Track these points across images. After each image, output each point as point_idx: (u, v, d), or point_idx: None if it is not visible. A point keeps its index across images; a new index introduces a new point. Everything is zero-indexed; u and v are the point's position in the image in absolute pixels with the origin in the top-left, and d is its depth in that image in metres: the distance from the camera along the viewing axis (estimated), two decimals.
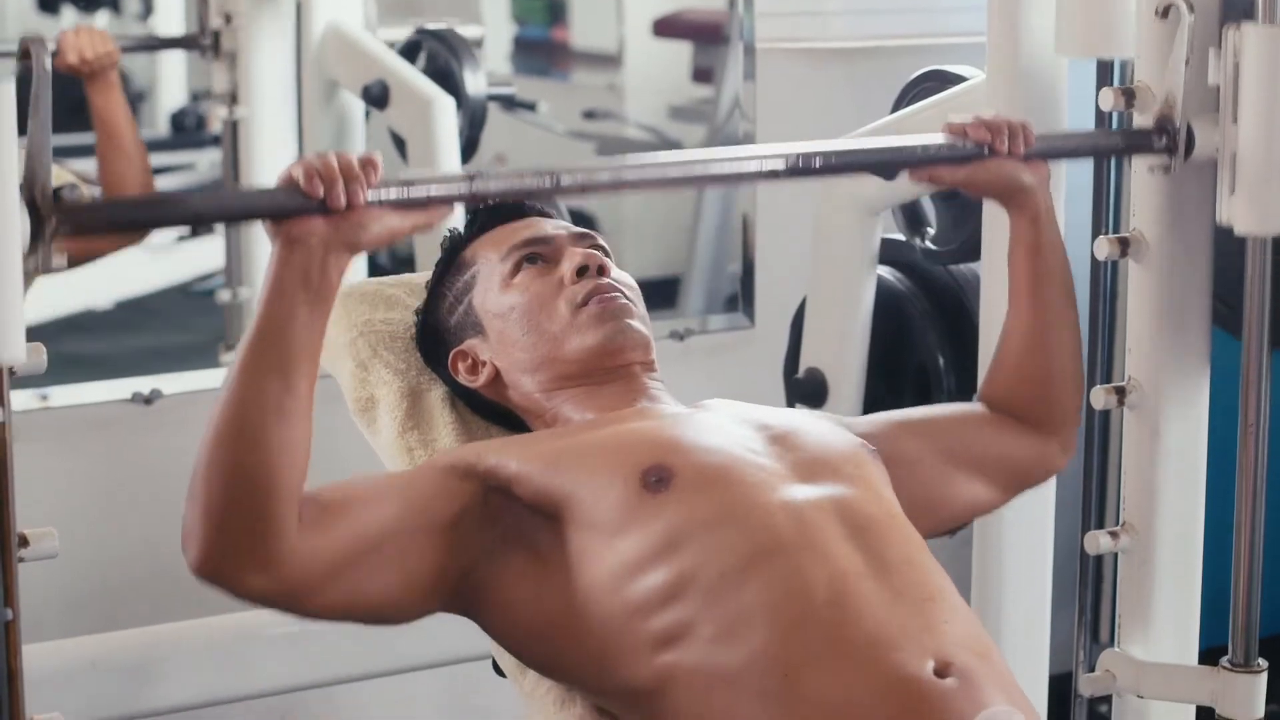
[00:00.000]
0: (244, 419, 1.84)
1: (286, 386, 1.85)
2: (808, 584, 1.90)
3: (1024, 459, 2.28)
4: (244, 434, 1.84)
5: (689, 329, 3.76)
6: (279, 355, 1.85)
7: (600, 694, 2.01)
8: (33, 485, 1.67)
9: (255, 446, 1.84)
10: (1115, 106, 2.33)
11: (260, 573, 1.85)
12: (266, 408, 1.84)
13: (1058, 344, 2.28)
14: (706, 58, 3.98)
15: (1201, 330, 2.41)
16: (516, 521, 2.00)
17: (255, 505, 1.84)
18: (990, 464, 2.25)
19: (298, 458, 1.86)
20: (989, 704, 1.83)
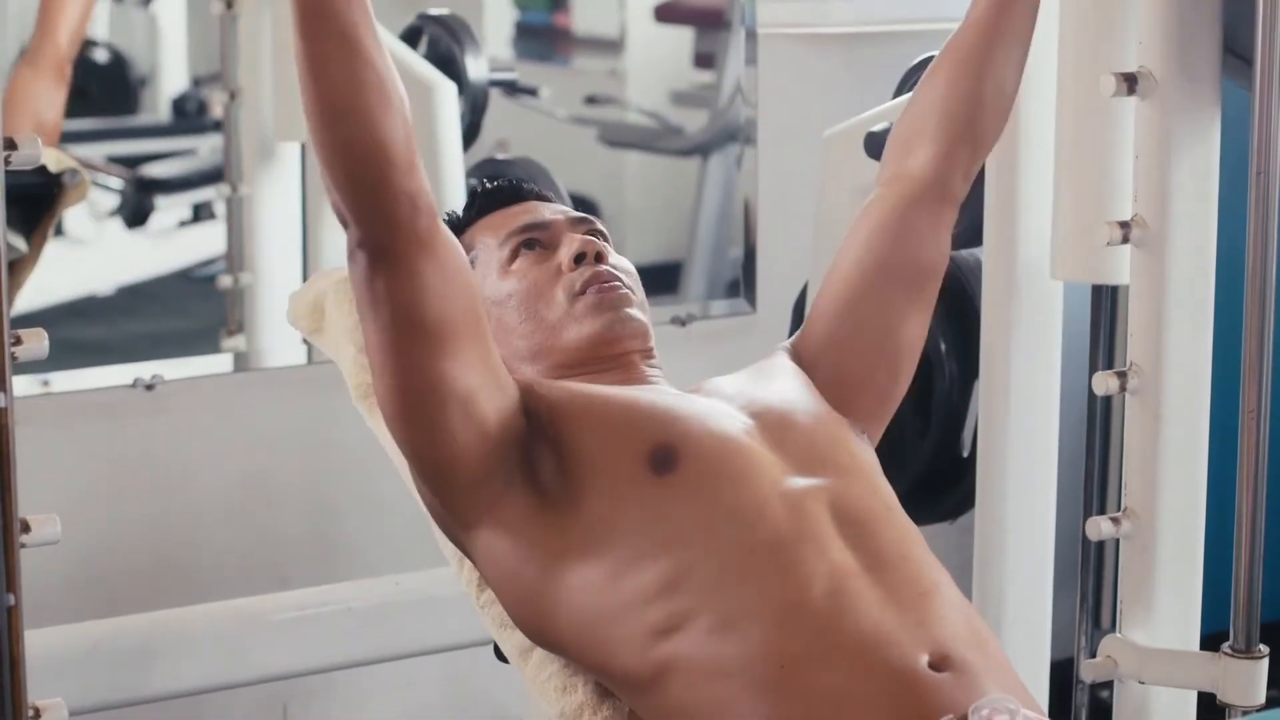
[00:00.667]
0: (330, 103, 1.86)
1: (355, 52, 1.85)
2: (806, 577, 1.91)
3: (924, 243, 2.24)
4: (337, 117, 1.86)
5: (690, 314, 3.76)
6: (334, 21, 1.85)
7: (598, 673, 2.01)
8: (34, 471, 1.67)
9: (351, 122, 1.86)
10: (1116, 93, 2.33)
11: (414, 207, 1.91)
12: (348, 86, 1.85)
13: (1008, 49, 2.25)
14: (708, 43, 3.98)
15: (1204, 314, 2.41)
16: (534, 448, 2.00)
17: (376, 173, 1.88)
18: (902, 285, 2.22)
19: (397, 124, 1.89)
20: (985, 694, 1.83)
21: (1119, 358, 2.50)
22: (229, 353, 3.49)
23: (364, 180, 1.88)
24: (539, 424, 2.02)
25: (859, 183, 2.87)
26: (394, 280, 1.92)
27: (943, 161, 2.23)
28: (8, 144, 1.76)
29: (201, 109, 3.68)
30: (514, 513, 2.00)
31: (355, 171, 1.88)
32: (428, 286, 1.93)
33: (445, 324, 1.95)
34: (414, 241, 1.92)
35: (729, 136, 3.85)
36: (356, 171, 1.88)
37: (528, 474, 2.01)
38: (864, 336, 2.21)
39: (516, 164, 3.50)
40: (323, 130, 1.87)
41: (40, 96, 3.31)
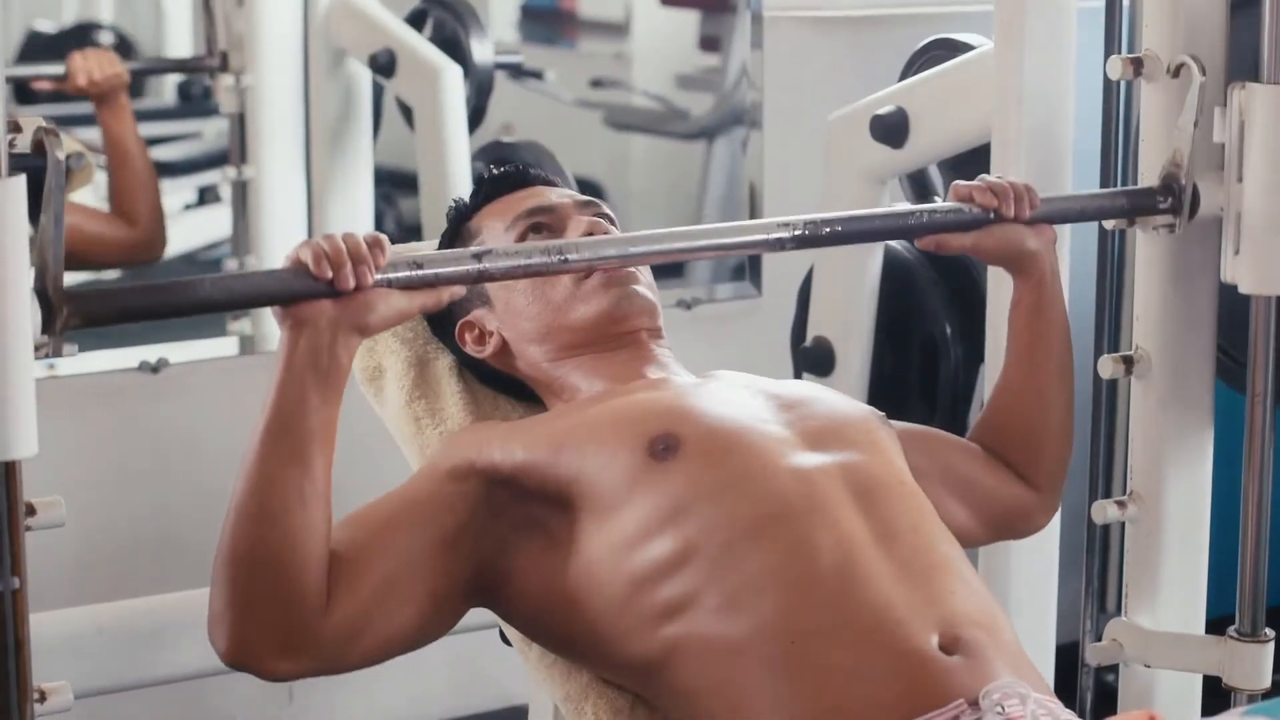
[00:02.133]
0: (263, 507, 1.84)
1: (305, 472, 1.85)
2: (814, 550, 1.90)
3: (1009, 502, 2.27)
4: (264, 522, 1.84)
5: (696, 298, 3.76)
6: (294, 442, 1.84)
7: (607, 668, 2.01)
8: (40, 454, 1.67)
9: (277, 534, 1.84)
10: (1124, 76, 2.33)
11: (292, 657, 1.87)
12: (287, 495, 1.84)
13: (1051, 404, 2.28)
14: (714, 26, 3.97)
15: (1210, 299, 2.40)
16: (524, 509, 2.00)
17: (281, 592, 1.84)
18: (979, 496, 2.24)
19: (320, 541, 1.86)
20: (995, 679, 1.83)
21: (1124, 342, 2.50)
22: (235, 336, 3.49)
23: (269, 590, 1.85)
24: (519, 487, 2.01)
25: (865, 166, 2.87)
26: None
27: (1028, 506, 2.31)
28: (12, 127, 1.76)
29: (207, 93, 3.68)
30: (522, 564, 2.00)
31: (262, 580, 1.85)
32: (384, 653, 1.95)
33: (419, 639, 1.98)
34: (336, 658, 1.91)
35: (734, 120, 3.84)
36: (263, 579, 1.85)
37: (523, 529, 2.00)
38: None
39: (522, 147, 3.50)
40: (242, 533, 1.86)
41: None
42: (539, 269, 1.97)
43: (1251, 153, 2.23)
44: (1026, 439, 2.27)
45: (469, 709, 3.59)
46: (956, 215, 2.17)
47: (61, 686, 1.81)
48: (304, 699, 3.47)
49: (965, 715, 1.80)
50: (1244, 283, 2.26)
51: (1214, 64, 2.29)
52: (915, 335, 2.98)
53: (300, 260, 1.83)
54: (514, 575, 1.99)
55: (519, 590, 2.00)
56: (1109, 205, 2.35)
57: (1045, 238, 2.23)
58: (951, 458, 2.24)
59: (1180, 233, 2.31)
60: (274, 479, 1.84)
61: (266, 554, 1.83)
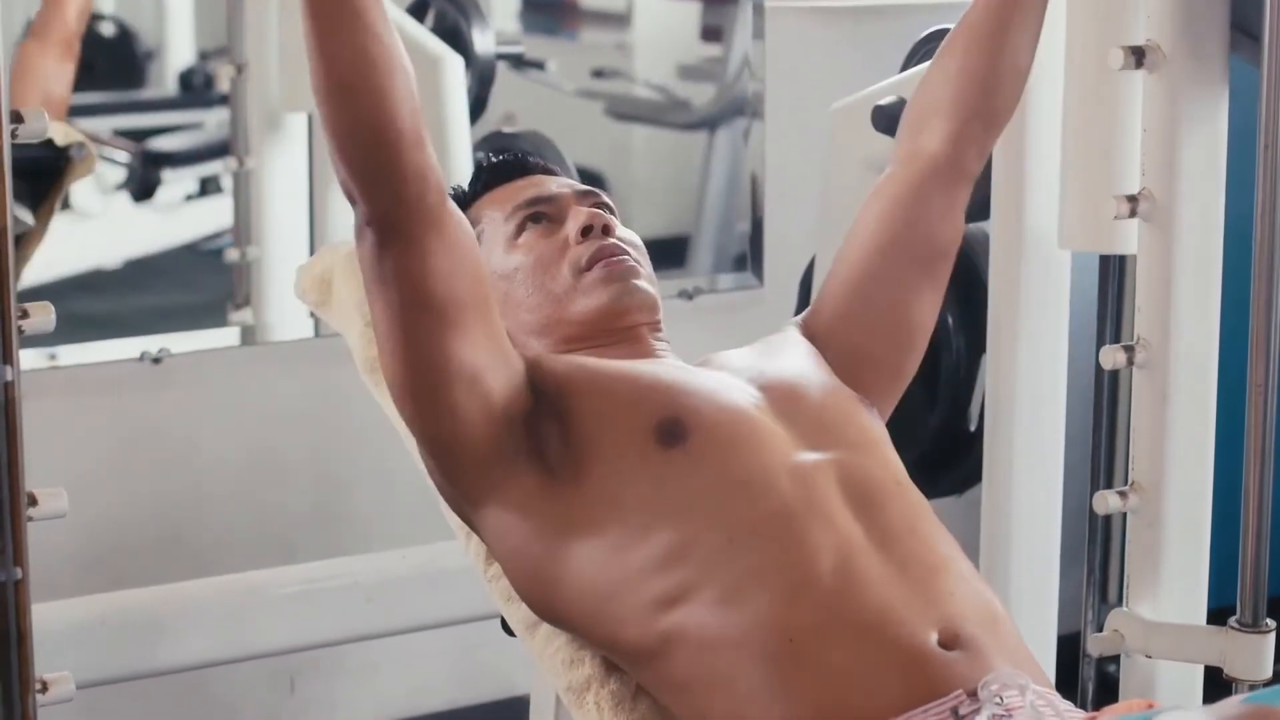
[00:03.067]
0: (337, 78, 1.84)
1: (363, 28, 1.84)
2: (814, 551, 1.90)
3: (937, 221, 2.23)
4: (344, 92, 1.85)
5: (697, 288, 3.76)
6: (344, 3, 1.84)
7: (604, 647, 2.02)
8: (41, 445, 1.67)
9: (359, 99, 1.85)
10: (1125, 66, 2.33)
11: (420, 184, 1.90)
12: (355, 61, 1.84)
13: (1019, 32, 2.23)
14: (715, 16, 3.97)
15: (1212, 288, 2.40)
16: (541, 424, 2.00)
17: (385, 150, 1.86)
18: (915, 262, 2.22)
19: (405, 100, 1.87)
20: (995, 671, 1.82)
21: (1126, 332, 2.50)
22: (236, 326, 3.49)
23: (373, 157, 1.87)
24: (546, 400, 2.02)
25: (867, 156, 2.87)
26: (403, 258, 1.92)
27: (957, 139, 2.22)
28: (14, 117, 1.76)
29: (208, 83, 3.68)
30: (521, 490, 2.00)
31: (364, 149, 1.87)
32: (436, 265, 1.93)
33: (453, 302, 1.94)
34: (423, 219, 1.91)
35: (736, 110, 3.84)
36: (365, 149, 1.87)
37: (534, 451, 2.00)
38: (876, 314, 2.21)
39: (523, 138, 3.49)
40: (330, 107, 1.86)
41: (48, 71, 3.31)
42: None
43: None
44: (984, 76, 2.22)
45: (471, 699, 3.60)
46: None
47: (63, 677, 1.81)
48: (305, 689, 3.47)
49: (964, 706, 1.80)
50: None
51: None
52: None
53: None
54: (509, 492, 1.99)
55: (510, 506, 2.00)
56: None
57: None
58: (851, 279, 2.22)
59: None
60: (338, 47, 1.84)
61: (356, 122, 1.86)
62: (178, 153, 3.72)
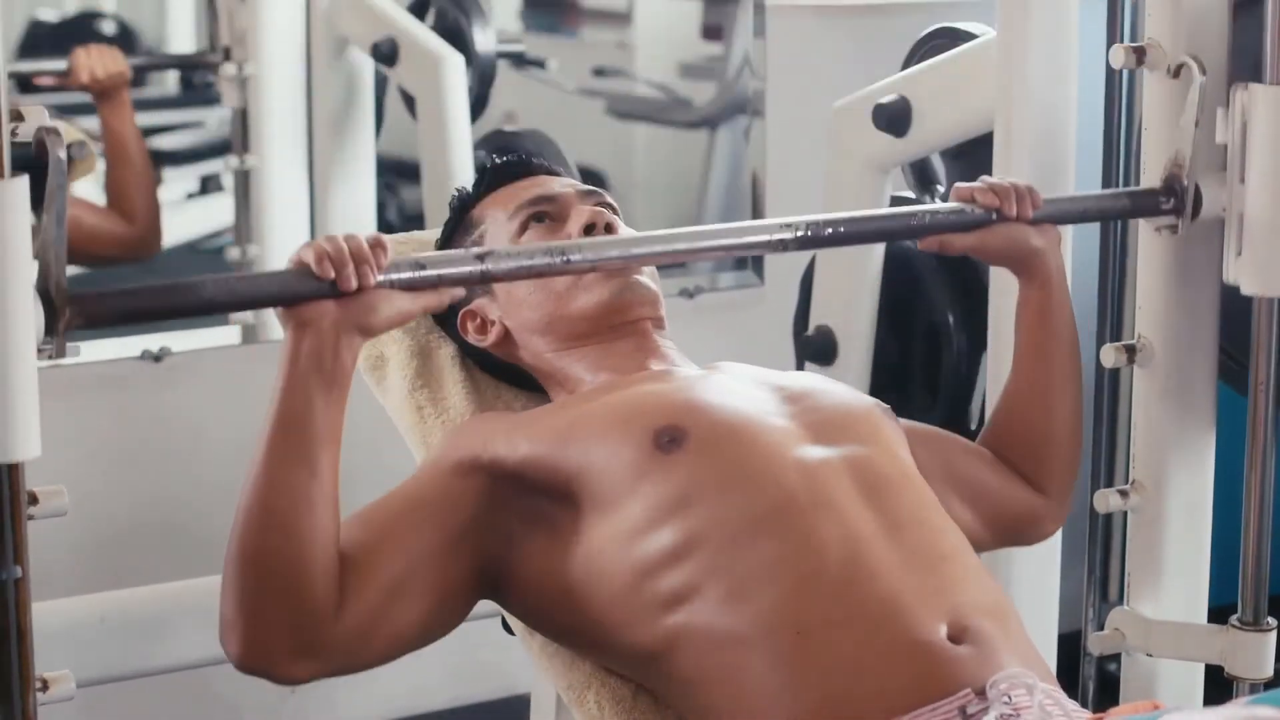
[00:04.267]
0: (271, 512, 1.84)
1: (312, 475, 1.84)
2: (821, 543, 1.90)
3: (1017, 507, 2.27)
4: (273, 527, 1.83)
5: (699, 287, 3.76)
6: (300, 444, 1.84)
7: (611, 657, 2.01)
8: (42, 442, 1.67)
9: (286, 538, 1.83)
10: (1126, 64, 2.33)
11: (306, 660, 1.87)
12: (295, 498, 1.83)
13: (1059, 407, 2.27)
14: (716, 14, 3.97)
15: (1212, 295, 2.40)
16: (529, 502, 1.99)
17: (292, 596, 1.84)
18: (985, 499, 2.23)
19: (330, 544, 1.86)
20: (1002, 669, 1.82)
21: (1127, 331, 2.50)
22: (237, 325, 3.49)
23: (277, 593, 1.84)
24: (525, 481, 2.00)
25: (868, 155, 2.87)
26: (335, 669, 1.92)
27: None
28: (14, 116, 1.76)
29: (209, 82, 3.68)
30: (530, 562, 1.99)
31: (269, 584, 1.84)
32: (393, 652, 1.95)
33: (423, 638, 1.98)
34: (350, 654, 1.91)
35: (737, 109, 3.84)
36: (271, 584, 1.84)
37: (532, 523, 2.00)
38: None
39: (524, 136, 3.50)
40: (250, 536, 1.85)
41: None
42: (542, 270, 1.97)
43: (1254, 153, 2.23)
44: (1034, 443, 2.26)
45: (471, 699, 3.59)
46: (959, 216, 2.17)
47: (64, 676, 1.81)
48: (306, 689, 3.46)
49: (972, 704, 1.80)
50: (1246, 284, 2.26)
51: (1216, 63, 2.29)
52: (918, 324, 2.98)
53: (302, 261, 1.83)
54: (518, 567, 1.99)
55: (523, 582, 2.00)
56: (1111, 206, 2.35)
57: (1050, 237, 2.22)
58: (957, 459, 2.23)
59: (1183, 233, 2.31)
60: (281, 483, 1.84)
61: (276, 558, 1.83)
62: (179, 151, 3.73)
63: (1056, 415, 2.27)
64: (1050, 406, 2.26)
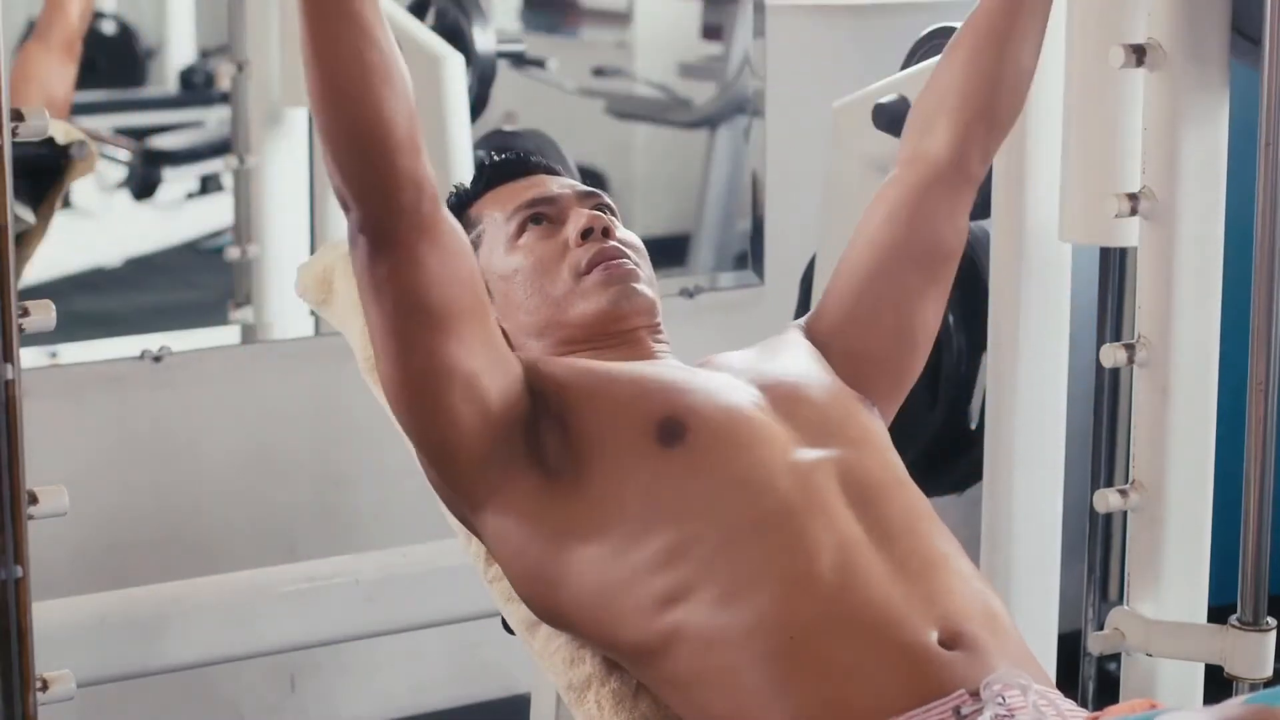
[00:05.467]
0: (334, 84, 1.83)
1: (360, 33, 1.83)
2: (814, 548, 1.90)
3: (941, 223, 2.22)
4: (341, 99, 1.84)
5: (698, 286, 3.76)
6: (343, 10, 1.83)
7: (605, 647, 2.01)
8: (42, 443, 1.67)
9: (355, 104, 1.84)
10: (1125, 64, 2.33)
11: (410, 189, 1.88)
12: (353, 68, 1.83)
13: (1022, 39, 2.23)
14: (716, 14, 3.97)
15: (1213, 286, 2.40)
16: (540, 427, 2.00)
17: (379, 156, 1.85)
18: (919, 265, 2.21)
19: (401, 107, 1.86)
20: (996, 671, 1.82)
21: (1127, 330, 2.50)
22: (237, 324, 3.49)
23: (367, 163, 1.86)
24: (544, 402, 2.02)
25: (867, 154, 2.87)
26: (396, 265, 1.91)
27: (961, 142, 2.22)
28: (15, 115, 1.76)
29: (209, 81, 3.68)
30: (520, 493, 2.00)
31: (358, 154, 1.86)
32: (430, 271, 1.92)
33: (448, 308, 1.94)
34: (416, 226, 1.90)
35: (737, 108, 3.84)
36: (359, 154, 1.86)
37: (533, 454, 2.00)
38: (880, 316, 2.21)
39: (524, 136, 3.49)
40: (326, 112, 1.85)
41: (50, 72, 3.31)
42: None
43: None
44: (987, 79, 2.21)
45: (471, 697, 3.60)
46: None
47: (64, 675, 1.81)
48: (306, 687, 3.47)
49: (966, 705, 1.80)
50: None
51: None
52: None
53: None
54: (510, 495, 1.99)
55: (510, 510, 2.00)
56: None
57: None
58: (882, 273, 2.21)
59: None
60: (335, 53, 1.83)
61: (352, 127, 1.84)
62: (178, 151, 3.72)
63: (1017, 49, 2.22)
64: (1012, 37, 2.22)
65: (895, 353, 2.21)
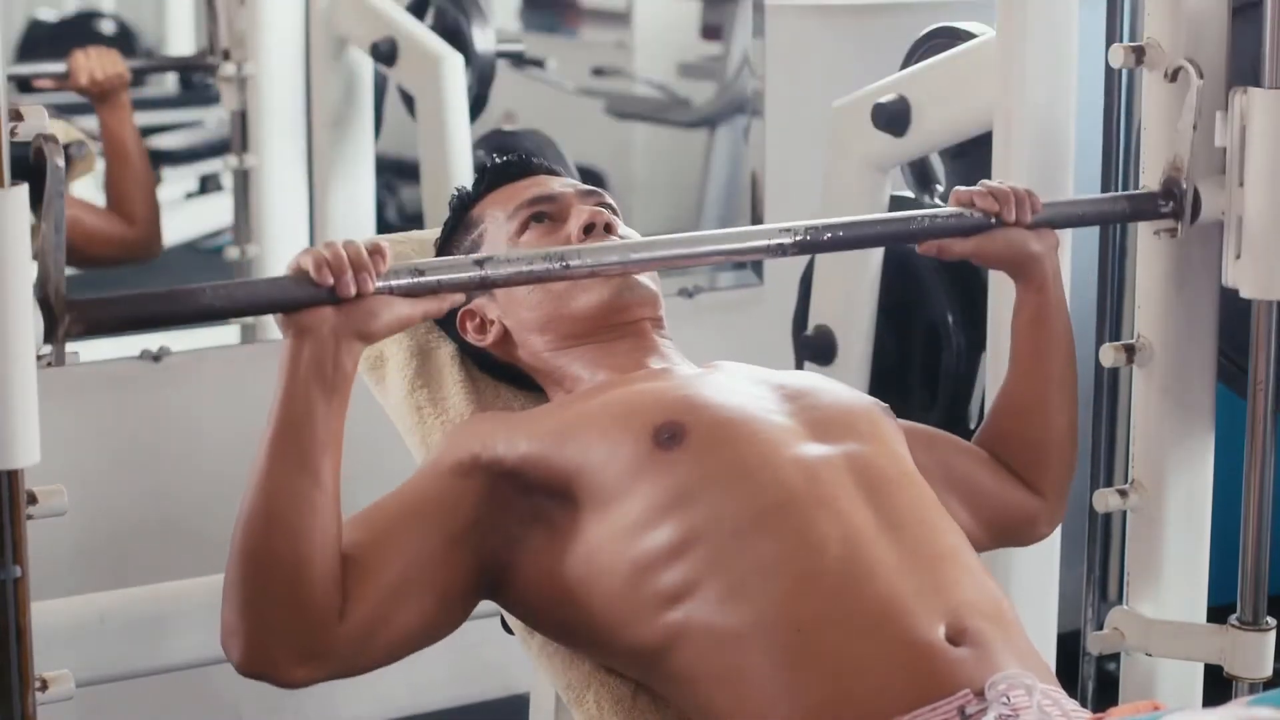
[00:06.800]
0: (272, 516, 1.84)
1: (313, 480, 1.85)
2: (820, 540, 1.90)
3: (1013, 508, 2.26)
4: (275, 533, 1.84)
5: (698, 286, 3.76)
6: (301, 450, 1.84)
7: (611, 655, 2.01)
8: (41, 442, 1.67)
9: (288, 543, 1.84)
10: (1125, 64, 2.33)
11: (309, 664, 1.89)
12: (297, 504, 1.84)
13: (1055, 412, 2.27)
14: (716, 14, 3.97)
15: (1212, 295, 2.40)
16: (529, 502, 2.00)
17: (295, 601, 1.84)
18: (982, 499, 2.23)
19: (332, 548, 1.86)
20: (1001, 670, 1.82)
21: (1126, 330, 2.50)
22: (236, 325, 3.49)
23: (276, 597, 1.85)
24: (522, 478, 2.00)
25: (867, 154, 2.87)
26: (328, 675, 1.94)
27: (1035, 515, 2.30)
28: (14, 115, 1.76)
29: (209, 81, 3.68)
30: (531, 560, 2.00)
31: (271, 586, 1.85)
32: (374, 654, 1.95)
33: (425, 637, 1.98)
34: (350, 658, 1.93)
35: (736, 108, 3.84)
36: (272, 586, 1.85)
37: (532, 522, 2.00)
38: None
39: (524, 136, 3.50)
40: (251, 538, 1.85)
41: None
42: (541, 275, 1.98)
43: (1252, 157, 2.23)
44: (1030, 447, 2.26)
45: (471, 698, 3.59)
46: (959, 220, 2.17)
47: (63, 675, 1.81)
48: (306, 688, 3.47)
49: (971, 705, 1.80)
50: (1245, 288, 2.26)
51: (1214, 67, 2.29)
52: (917, 323, 2.98)
53: (302, 268, 1.84)
54: (519, 567, 1.99)
55: (523, 581, 2.00)
56: (1111, 210, 2.35)
57: (1048, 242, 2.22)
58: (955, 459, 2.23)
59: (1182, 236, 2.31)
60: (283, 489, 1.84)
61: (278, 563, 1.84)
62: (178, 150, 3.73)
63: (1052, 420, 2.26)
64: (1046, 411, 2.26)
65: None
